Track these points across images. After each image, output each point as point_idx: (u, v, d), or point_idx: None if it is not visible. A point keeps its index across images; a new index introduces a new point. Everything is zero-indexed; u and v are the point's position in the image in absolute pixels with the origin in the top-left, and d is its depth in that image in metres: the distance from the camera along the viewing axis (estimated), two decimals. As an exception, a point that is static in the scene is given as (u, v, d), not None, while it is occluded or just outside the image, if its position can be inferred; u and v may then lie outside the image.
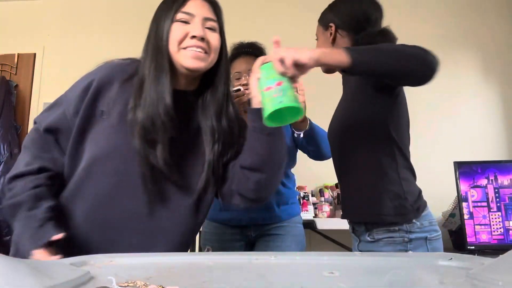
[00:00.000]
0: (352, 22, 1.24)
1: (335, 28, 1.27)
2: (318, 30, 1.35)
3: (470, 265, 0.52)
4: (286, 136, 1.63)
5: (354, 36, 1.24)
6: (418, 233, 1.14)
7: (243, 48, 1.70)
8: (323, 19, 1.31)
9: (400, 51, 0.99)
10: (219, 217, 1.60)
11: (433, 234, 1.16)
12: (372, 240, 1.20)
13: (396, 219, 1.15)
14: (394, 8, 3.06)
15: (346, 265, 0.59)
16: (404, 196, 1.15)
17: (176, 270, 0.54)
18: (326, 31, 1.29)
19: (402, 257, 0.65)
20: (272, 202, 1.56)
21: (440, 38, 2.89)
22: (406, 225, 1.14)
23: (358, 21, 1.24)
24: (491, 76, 2.85)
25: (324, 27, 1.30)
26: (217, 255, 0.67)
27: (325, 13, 1.32)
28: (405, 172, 1.19)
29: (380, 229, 1.18)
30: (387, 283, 0.48)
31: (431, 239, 1.16)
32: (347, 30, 1.25)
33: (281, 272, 0.56)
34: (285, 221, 1.60)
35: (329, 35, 1.27)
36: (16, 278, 0.36)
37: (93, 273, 0.44)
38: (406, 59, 0.99)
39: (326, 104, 1.42)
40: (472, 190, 2.19)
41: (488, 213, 2.15)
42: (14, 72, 3.10)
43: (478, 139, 2.75)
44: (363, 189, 1.20)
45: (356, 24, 1.24)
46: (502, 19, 2.92)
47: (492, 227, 2.13)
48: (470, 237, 2.13)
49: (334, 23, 1.26)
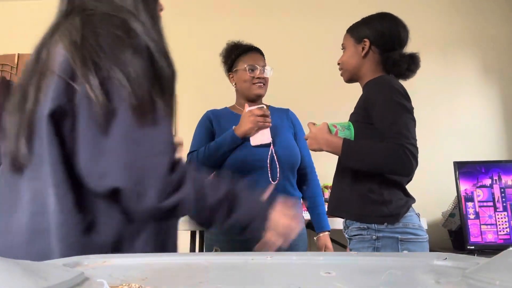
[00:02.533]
0: (386, 41, 1.35)
1: (370, 44, 1.37)
2: (347, 40, 1.43)
3: (465, 265, 0.52)
4: (288, 133, 1.67)
5: (384, 53, 1.36)
6: (387, 233, 1.23)
7: (247, 46, 1.78)
8: (356, 32, 1.40)
9: (384, 164, 1.19)
10: None
11: (408, 236, 1.23)
12: (348, 237, 1.34)
13: (365, 219, 1.27)
14: (394, 8, 3.06)
15: (343, 265, 0.59)
16: (382, 202, 1.25)
17: (171, 270, 0.54)
18: (358, 45, 1.39)
19: (398, 257, 0.65)
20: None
21: (440, 38, 2.89)
22: (375, 225, 1.24)
23: (392, 41, 1.35)
24: (491, 76, 2.85)
25: (357, 40, 1.39)
26: (213, 255, 0.67)
27: (359, 26, 1.41)
28: (389, 183, 1.28)
29: (354, 227, 1.31)
30: (383, 282, 0.48)
31: (405, 240, 1.22)
32: (380, 47, 1.36)
33: (277, 272, 0.56)
34: None
35: (361, 49, 1.37)
36: (10, 280, 0.36)
37: (87, 274, 0.44)
38: (386, 167, 1.20)
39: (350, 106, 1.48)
40: (478, 190, 2.20)
41: (494, 213, 2.16)
42: (14, 72, 3.10)
43: (478, 139, 2.75)
44: (346, 189, 1.34)
45: (389, 44, 1.35)
46: (502, 19, 2.92)
47: (498, 227, 2.13)
48: (476, 236, 2.14)
49: (369, 39, 1.36)
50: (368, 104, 1.30)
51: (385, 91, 1.26)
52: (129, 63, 0.72)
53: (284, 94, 2.37)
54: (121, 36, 0.74)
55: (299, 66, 2.89)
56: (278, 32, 2.95)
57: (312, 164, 1.74)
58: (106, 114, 0.70)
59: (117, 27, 0.74)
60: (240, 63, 1.73)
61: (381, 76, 1.36)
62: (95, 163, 0.72)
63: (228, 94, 2.00)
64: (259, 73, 1.67)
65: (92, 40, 0.72)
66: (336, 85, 2.84)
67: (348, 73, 1.44)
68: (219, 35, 3.02)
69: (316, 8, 3.00)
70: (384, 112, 1.23)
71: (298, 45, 2.95)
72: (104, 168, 0.71)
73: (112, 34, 0.74)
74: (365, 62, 1.38)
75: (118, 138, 0.71)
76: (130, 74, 0.72)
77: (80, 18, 0.76)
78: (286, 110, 1.80)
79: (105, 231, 0.74)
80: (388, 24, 1.37)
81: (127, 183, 0.71)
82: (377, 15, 1.40)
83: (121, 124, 0.71)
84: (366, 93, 1.37)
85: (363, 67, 1.39)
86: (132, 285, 0.41)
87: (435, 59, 2.82)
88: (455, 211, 2.31)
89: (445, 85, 2.78)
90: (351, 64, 1.41)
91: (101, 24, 0.75)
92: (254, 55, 1.72)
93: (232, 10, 3.07)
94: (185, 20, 3.07)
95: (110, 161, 0.71)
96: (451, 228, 2.34)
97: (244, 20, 3.02)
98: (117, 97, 0.71)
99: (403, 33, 1.37)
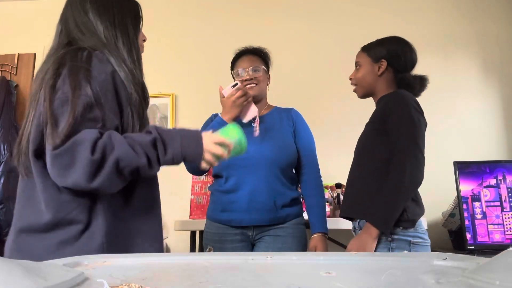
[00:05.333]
0: (401, 63, 1.48)
1: (387, 65, 1.47)
2: (363, 59, 1.53)
3: (465, 265, 0.52)
4: (284, 133, 1.67)
5: (397, 73, 1.49)
6: (401, 236, 1.33)
7: (246, 49, 1.78)
8: (374, 51, 1.51)
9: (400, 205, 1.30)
10: (221, 218, 1.62)
11: (418, 239, 1.35)
12: None
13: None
14: (395, 8, 3.07)
15: (343, 265, 0.59)
16: (403, 208, 1.32)
17: (171, 270, 0.54)
18: (375, 64, 1.49)
19: (398, 257, 0.65)
20: (274, 203, 1.57)
21: (441, 38, 2.89)
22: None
23: (405, 64, 1.49)
24: (491, 76, 2.85)
25: (374, 59, 1.49)
26: (213, 255, 0.67)
27: (376, 47, 1.52)
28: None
29: None
30: (383, 282, 0.48)
31: (416, 243, 1.34)
32: (395, 68, 1.48)
33: (277, 273, 0.56)
34: (286, 222, 1.61)
35: (378, 69, 1.49)
36: (10, 280, 0.36)
37: (87, 274, 0.44)
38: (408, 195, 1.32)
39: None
40: (485, 190, 2.20)
41: (501, 213, 2.16)
42: (14, 72, 3.10)
43: (478, 139, 2.75)
44: (366, 193, 1.41)
45: (403, 66, 1.48)
46: (502, 19, 2.92)
47: (506, 227, 2.13)
48: (483, 236, 2.14)
49: (387, 60, 1.47)
50: (386, 116, 1.40)
51: (402, 106, 1.37)
52: (82, 85, 0.89)
53: (287, 94, 2.36)
54: (80, 66, 0.92)
55: (301, 66, 2.90)
56: (279, 32, 2.95)
57: (311, 163, 1.71)
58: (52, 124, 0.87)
59: (79, 59, 0.93)
60: (234, 69, 1.77)
61: (398, 90, 1.47)
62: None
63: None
64: (246, 75, 1.68)
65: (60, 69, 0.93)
66: (339, 86, 2.84)
67: (364, 90, 1.54)
68: (220, 35, 3.03)
69: (318, 9, 3.01)
70: (400, 127, 1.34)
71: (304, 46, 2.95)
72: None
73: (73, 65, 0.92)
74: (380, 80, 1.50)
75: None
76: (78, 93, 0.88)
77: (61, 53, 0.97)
78: (289, 109, 1.79)
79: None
80: (403, 47, 1.49)
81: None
82: (393, 38, 1.53)
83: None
84: (384, 105, 1.45)
85: (378, 84, 1.50)
86: (132, 285, 0.41)
87: (435, 59, 2.82)
88: (455, 211, 2.31)
89: (445, 85, 2.77)
90: (367, 81, 1.52)
91: (68, 57, 0.94)
92: (243, 59, 1.73)
93: (235, 10, 3.07)
94: (186, 19, 3.07)
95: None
96: (451, 228, 2.34)
97: (247, 21, 3.02)
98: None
99: (414, 57, 1.50)
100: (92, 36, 1.01)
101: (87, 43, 0.99)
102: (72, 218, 0.91)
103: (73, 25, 1.02)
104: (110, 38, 1.02)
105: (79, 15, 1.02)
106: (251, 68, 1.69)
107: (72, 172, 0.84)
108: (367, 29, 2.50)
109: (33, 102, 0.96)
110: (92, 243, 0.90)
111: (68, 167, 0.84)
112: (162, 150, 0.94)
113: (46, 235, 0.90)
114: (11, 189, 2.73)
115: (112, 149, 0.87)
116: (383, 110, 1.44)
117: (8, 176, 2.73)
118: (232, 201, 1.59)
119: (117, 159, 0.87)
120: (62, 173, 0.85)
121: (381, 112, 1.45)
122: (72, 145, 0.84)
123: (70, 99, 0.87)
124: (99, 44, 1.00)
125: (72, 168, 0.84)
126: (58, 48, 1.02)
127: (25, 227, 0.93)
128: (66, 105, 0.87)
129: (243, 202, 1.57)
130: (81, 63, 0.92)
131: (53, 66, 0.94)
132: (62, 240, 0.89)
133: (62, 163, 0.84)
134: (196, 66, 3.00)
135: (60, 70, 0.93)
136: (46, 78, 0.93)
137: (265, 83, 1.74)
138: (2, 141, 2.77)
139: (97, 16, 1.02)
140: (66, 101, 0.87)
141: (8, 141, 2.79)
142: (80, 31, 1.02)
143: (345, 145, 1.88)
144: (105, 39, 1.01)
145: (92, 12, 1.02)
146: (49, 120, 0.87)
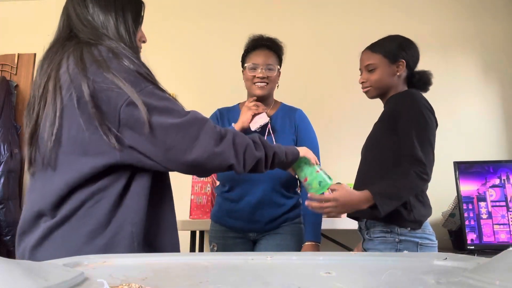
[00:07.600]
0: (415, 64, 1.53)
1: (405, 65, 1.49)
2: (379, 60, 1.51)
3: (465, 265, 0.52)
4: (285, 139, 1.65)
5: (409, 72, 1.53)
6: (409, 237, 1.34)
7: (262, 41, 1.71)
8: (391, 53, 1.50)
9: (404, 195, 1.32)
10: (224, 223, 1.67)
11: (425, 241, 1.35)
12: (369, 238, 1.42)
13: (392, 222, 1.35)
14: (395, 8, 3.07)
15: (343, 265, 0.59)
16: (409, 208, 1.35)
17: (171, 270, 0.54)
18: (392, 65, 1.49)
19: (398, 257, 0.65)
20: (275, 215, 1.61)
21: (441, 38, 2.89)
22: (397, 229, 1.35)
23: (416, 64, 1.54)
24: (491, 76, 2.84)
25: (392, 60, 1.49)
26: (213, 255, 0.67)
27: (393, 48, 1.51)
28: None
29: (376, 229, 1.40)
30: (384, 282, 0.48)
31: (423, 245, 1.34)
32: (409, 68, 1.51)
33: (277, 272, 0.56)
34: (286, 222, 1.64)
35: (396, 68, 1.49)
36: (10, 280, 0.36)
37: (87, 274, 0.44)
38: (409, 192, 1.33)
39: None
40: (491, 190, 2.20)
41: (507, 213, 2.16)
42: (14, 72, 3.10)
43: (478, 139, 2.75)
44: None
45: (414, 66, 1.53)
46: (502, 19, 2.92)
47: (511, 227, 2.14)
48: (489, 236, 2.14)
49: (406, 61, 1.49)
50: (397, 115, 1.41)
51: (414, 105, 1.38)
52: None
53: (291, 93, 2.36)
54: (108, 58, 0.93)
55: (303, 66, 2.89)
56: (283, 30, 2.95)
57: None
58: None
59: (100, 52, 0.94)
60: (247, 60, 1.68)
61: (409, 90, 1.49)
62: None
63: (228, 94, 2.00)
64: (260, 73, 1.60)
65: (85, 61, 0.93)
66: (343, 84, 2.84)
67: (379, 91, 1.52)
68: (222, 34, 3.03)
69: (322, 8, 3.00)
70: (411, 126, 1.35)
71: (308, 45, 2.95)
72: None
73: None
74: (396, 80, 1.49)
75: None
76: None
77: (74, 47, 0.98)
78: (294, 110, 1.74)
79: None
80: (417, 50, 1.53)
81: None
82: (399, 37, 1.54)
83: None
84: (394, 105, 1.45)
85: (393, 85, 1.50)
86: (132, 285, 0.41)
87: (435, 58, 2.81)
88: (455, 211, 2.31)
89: (445, 85, 2.77)
90: (384, 83, 1.50)
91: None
92: (260, 52, 1.65)
93: (238, 8, 3.07)
94: (186, 19, 3.07)
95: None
96: (451, 228, 2.34)
97: (249, 19, 3.01)
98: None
99: (419, 55, 1.55)
100: (93, 29, 1.03)
101: (87, 35, 1.01)
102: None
103: (74, 18, 1.05)
104: (114, 32, 1.04)
105: (79, 7, 1.05)
106: (266, 65, 1.62)
107: (202, 140, 0.91)
108: (367, 29, 2.50)
109: (50, 93, 0.93)
110: (122, 231, 0.91)
111: (194, 138, 0.91)
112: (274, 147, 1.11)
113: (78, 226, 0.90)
114: (11, 189, 2.73)
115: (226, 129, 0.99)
116: (394, 109, 1.44)
117: (8, 176, 2.73)
118: (235, 210, 1.63)
119: (233, 135, 0.98)
120: (191, 145, 0.90)
121: (392, 112, 1.44)
122: (193, 119, 0.92)
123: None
124: (100, 37, 1.01)
125: (201, 136, 0.91)
126: (60, 39, 1.04)
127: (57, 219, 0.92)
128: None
129: (245, 213, 1.61)
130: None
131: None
132: (92, 229, 0.89)
133: (189, 135, 0.91)
134: (196, 66, 3.00)
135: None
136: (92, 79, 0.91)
137: (275, 82, 1.69)
138: (2, 141, 2.76)
139: (98, 9, 1.04)
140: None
141: (8, 141, 2.79)
142: (81, 23, 1.04)
143: (345, 145, 1.88)
144: (106, 32, 1.03)
145: (93, 4, 1.04)
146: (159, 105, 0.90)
